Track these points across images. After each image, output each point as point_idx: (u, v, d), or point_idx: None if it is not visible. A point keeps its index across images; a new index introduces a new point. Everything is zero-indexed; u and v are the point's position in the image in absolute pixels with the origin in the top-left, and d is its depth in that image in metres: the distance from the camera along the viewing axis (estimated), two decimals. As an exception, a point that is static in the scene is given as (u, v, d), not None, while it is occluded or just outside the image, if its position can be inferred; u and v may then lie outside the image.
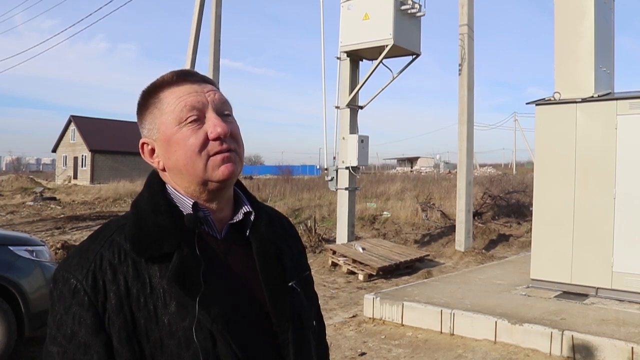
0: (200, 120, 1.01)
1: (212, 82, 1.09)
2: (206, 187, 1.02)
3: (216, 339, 0.93)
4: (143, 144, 1.06)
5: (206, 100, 1.02)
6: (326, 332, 1.35)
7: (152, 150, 1.05)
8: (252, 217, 1.09)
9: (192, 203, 1.02)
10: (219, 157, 1.00)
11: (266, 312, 1.03)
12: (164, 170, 1.05)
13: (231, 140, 1.02)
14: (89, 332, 0.91)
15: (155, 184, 1.06)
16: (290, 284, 1.07)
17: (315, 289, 1.30)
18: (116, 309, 0.91)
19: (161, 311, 0.93)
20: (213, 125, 1.00)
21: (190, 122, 1.00)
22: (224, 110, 1.04)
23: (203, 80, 1.06)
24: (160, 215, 0.99)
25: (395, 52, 9.50)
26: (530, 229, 7.11)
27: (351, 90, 10.14)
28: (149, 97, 1.04)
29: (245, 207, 1.10)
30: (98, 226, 1.07)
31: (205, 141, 1.00)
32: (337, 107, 10.30)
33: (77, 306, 0.92)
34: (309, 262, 1.29)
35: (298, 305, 1.08)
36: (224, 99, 1.06)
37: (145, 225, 0.98)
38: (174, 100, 1.01)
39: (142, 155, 1.07)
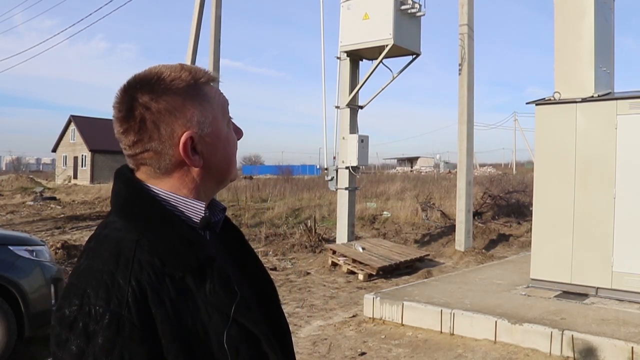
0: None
1: None
2: (219, 186, 1.04)
3: (259, 342, 0.93)
4: (190, 138, 0.93)
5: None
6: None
7: (194, 148, 0.94)
8: (224, 214, 1.10)
9: (204, 205, 0.97)
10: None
11: (260, 302, 1.05)
12: (201, 167, 0.96)
13: None
14: None
15: (141, 188, 0.95)
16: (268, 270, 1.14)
17: (316, 289, 1.32)
18: (169, 335, 0.82)
19: (207, 325, 0.87)
20: (236, 126, 1.05)
21: (229, 121, 1.03)
22: None
23: None
24: (176, 224, 0.92)
25: (395, 52, 9.50)
26: (530, 228, 7.11)
27: (351, 90, 10.14)
28: (190, 88, 0.94)
29: (219, 204, 1.09)
30: (97, 226, 1.01)
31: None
32: (337, 107, 10.30)
33: (124, 342, 0.79)
34: (309, 262, 1.31)
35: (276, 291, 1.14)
36: None
37: (169, 237, 0.89)
38: (218, 97, 1.01)
39: (182, 152, 0.92)
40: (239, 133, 1.06)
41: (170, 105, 0.92)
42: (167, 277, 0.86)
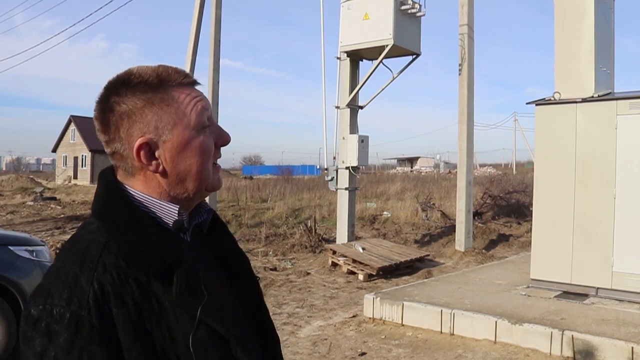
0: (208, 125, 0.98)
1: None
2: (198, 195, 0.99)
3: (228, 344, 0.92)
4: (143, 144, 0.92)
5: (209, 106, 1.00)
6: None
7: (152, 153, 0.94)
8: (211, 216, 1.07)
9: (177, 208, 0.96)
10: (216, 166, 1.00)
11: (243, 304, 1.05)
12: (161, 173, 0.95)
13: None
14: None
15: (119, 190, 0.96)
16: (257, 276, 1.11)
17: (316, 289, 1.32)
18: (130, 336, 0.83)
19: (173, 327, 0.87)
20: (222, 132, 1.00)
21: (205, 128, 0.97)
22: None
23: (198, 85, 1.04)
24: (145, 226, 0.92)
25: (395, 52, 9.51)
26: (530, 228, 7.11)
27: (351, 90, 10.14)
28: (150, 91, 0.93)
29: (206, 205, 1.07)
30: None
31: (213, 149, 0.99)
32: (337, 107, 10.30)
33: (83, 342, 0.80)
34: (309, 262, 1.31)
35: (261, 294, 1.12)
36: None
37: (137, 239, 0.90)
38: (191, 101, 0.95)
39: (136, 156, 0.92)
40: (222, 139, 1.00)
41: (129, 109, 0.92)
42: (132, 279, 0.86)
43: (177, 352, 0.86)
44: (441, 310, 5.49)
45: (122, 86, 0.93)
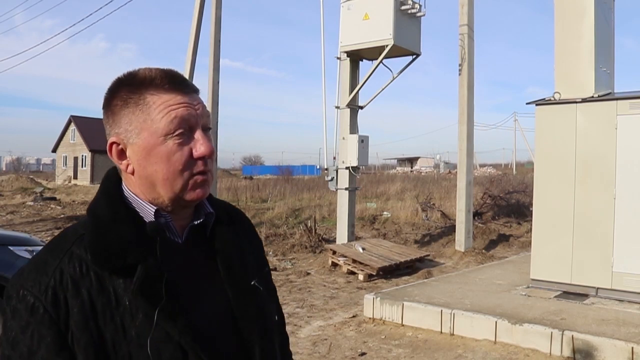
0: (186, 134, 0.96)
1: (198, 91, 1.03)
2: (175, 203, 0.99)
3: (186, 351, 0.91)
4: (113, 143, 0.98)
5: (196, 114, 0.97)
6: (291, 329, 1.36)
7: (122, 152, 0.98)
8: (212, 219, 1.07)
9: (154, 210, 0.98)
10: (198, 178, 0.97)
11: (232, 313, 1.02)
12: (132, 174, 0.98)
13: (209, 160, 0.99)
14: (50, 351, 0.86)
15: (111, 188, 1.00)
16: (252, 282, 1.06)
17: (316, 289, 1.30)
18: (81, 326, 0.87)
19: (128, 324, 0.89)
20: (200, 143, 0.97)
21: (177, 136, 0.95)
22: (207, 125, 1.01)
23: (193, 90, 1.01)
24: (121, 224, 0.94)
25: (395, 52, 9.51)
26: (530, 229, 7.11)
27: (351, 90, 10.14)
28: (130, 93, 0.96)
29: (207, 208, 1.07)
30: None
31: (189, 159, 0.96)
32: (337, 107, 10.30)
33: (35, 324, 0.86)
34: (309, 262, 1.29)
35: (261, 304, 1.07)
36: (209, 113, 1.03)
37: (106, 235, 0.93)
38: (164, 108, 0.95)
39: (108, 154, 0.99)
40: (197, 151, 0.96)
41: (111, 110, 0.98)
42: (93, 272, 0.90)
43: (129, 348, 0.88)
44: (441, 311, 5.49)
45: (118, 85, 0.98)
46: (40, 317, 0.86)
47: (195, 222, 1.04)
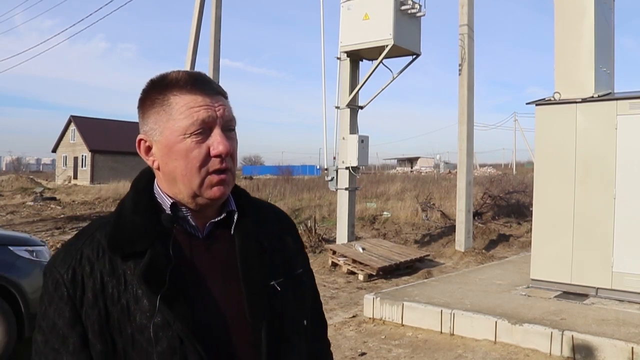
0: (205, 133, 1.01)
1: (224, 94, 1.08)
2: (195, 199, 1.03)
3: (182, 338, 0.94)
4: (141, 140, 1.06)
5: (216, 115, 1.02)
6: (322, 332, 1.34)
7: (149, 148, 1.05)
8: (235, 216, 1.09)
9: (170, 202, 1.04)
10: (215, 177, 1.01)
11: (240, 312, 1.03)
12: (158, 169, 1.05)
13: (229, 159, 1.03)
14: (67, 324, 0.95)
15: (141, 182, 1.09)
16: (272, 282, 1.07)
17: (316, 289, 1.29)
18: (92, 304, 0.96)
19: (133, 307, 0.96)
20: (217, 142, 1.01)
21: (195, 134, 1.00)
22: (229, 126, 1.05)
23: (216, 91, 1.05)
24: (138, 214, 1.02)
25: (395, 52, 9.50)
26: (530, 229, 7.11)
27: (351, 90, 10.13)
28: (157, 94, 1.03)
29: (230, 205, 1.10)
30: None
31: (207, 157, 1.01)
32: (337, 107, 10.30)
33: (58, 299, 0.97)
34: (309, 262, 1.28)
35: (279, 305, 1.07)
36: (232, 115, 1.06)
37: (123, 223, 1.01)
38: (185, 109, 1.00)
39: (137, 150, 1.07)
40: (214, 150, 1.01)
41: (142, 109, 1.06)
42: (107, 257, 0.99)
43: (132, 330, 0.95)
44: (441, 311, 5.48)
45: (150, 86, 1.05)
46: (61, 293, 0.97)
47: (215, 219, 1.07)
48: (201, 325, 0.98)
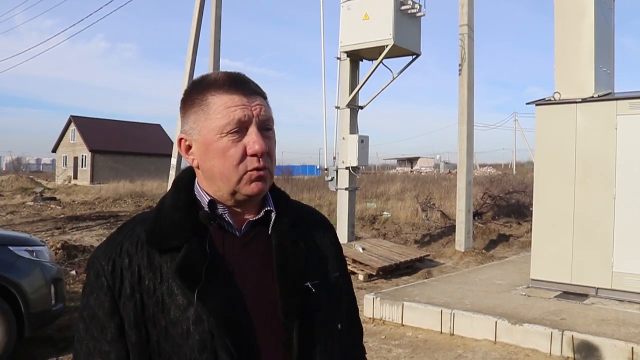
0: (241, 132, 1.03)
1: (262, 94, 1.09)
2: (234, 196, 1.06)
3: (213, 333, 0.96)
4: (181, 139, 1.09)
5: (252, 114, 1.04)
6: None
7: (189, 147, 1.08)
8: (272, 215, 1.10)
9: (207, 200, 1.06)
10: (254, 173, 1.03)
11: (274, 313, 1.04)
12: (197, 167, 1.09)
13: (266, 158, 1.05)
14: (106, 314, 1.00)
15: (182, 180, 1.12)
16: (306, 284, 1.07)
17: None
18: (129, 295, 0.99)
19: (168, 300, 0.99)
20: (253, 141, 1.03)
21: (231, 133, 1.02)
22: (266, 125, 1.06)
23: (254, 91, 1.06)
24: (177, 210, 1.05)
25: (395, 52, 9.50)
26: (530, 229, 7.11)
27: (351, 90, 10.13)
28: (197, 94, 1.06)
29: (268, 205, 1.11)
30: (97, 226, 1.10)
31: (243, 155, 1.03)
32: (337, 107, 10.29)
33: (98, 289, 1.01)
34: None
35: (312, 307, 1.07)
36: (269, 115, 1.07)
37: (162, 219, 1.05)
38: (222, 109, 1.03)
39: (178, 149, 1.10)
40: (250, 149, 1.02)
41: (183, 109, 1.09)
42: (145, 250, 1.02)
43: (165, 321, 0.98)
44: (441, 311, 5.48)
45: (191, 86, 1.09)
46: (101, 284, 1.01)
47: (253, 218, 1.09)
48: (233, 321, 0.99)
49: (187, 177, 1.12)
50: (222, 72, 1.08)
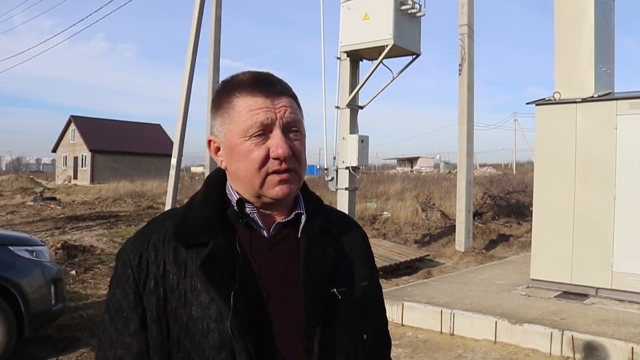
0: (265, 134, 1.02)
1: (289, 93, 1.07)
2: (260, 199, 1.05)
3: (233, 332, 0.95)
4: (210, 140, 1.10)
5: (275, 116, 1.02)
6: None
7: (218, 149, 1.09)
8: (303, 218, 1.09)
9: (236, 199, 1.06)
10: (276, 177, 1.02)
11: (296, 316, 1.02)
12: (225, 169, 1.09)
13: (292, 160, 1.02)
14: (130, 306, 1.01)
15: (213, 178, 1.12)
16: (332, 290, 1.05)
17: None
18: (152, 288, 1.00)
19: (190, 296, 0.98)
20: (276, 144, 1.01)
21: (255, 136, 1.01)
22: (291, 127, 1.04)
23: (279, 92, 1.04)
24: (206, 207, 1.06)
25: (395, 52, 9.49)
26: (530, 229, 7.11)
27: (351, 90, 10.13)
28: (223, 96, 1.06)
29: (299, 208, 1.10)
30: (97, 226, 1.10)
31: (266, 158, 1.01)
32: (337, 107, 10.29)
33: (124, 281, 1.02)
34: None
35: (337, 314, 1.05)
36: (294, 117, 1.05)
37: (191, 215, 1.05)
38: (245, 111, 1.02)
39: (208, 150, 1.12)
40: (273, 152, 1.01)
41: (212, 110, 1.10)
42: (172, 245, 1.02)
43: (187, 316, 0.98)
44: (441, 311, 5.48)
45: (221, 88, 1.09)
46: (127, 276, 1.02)
47: (283, 220, 1.08)
48: (254, 322, 0.98)
49: (218, 175, 1.12)
50: (249, 72, 1.07)
